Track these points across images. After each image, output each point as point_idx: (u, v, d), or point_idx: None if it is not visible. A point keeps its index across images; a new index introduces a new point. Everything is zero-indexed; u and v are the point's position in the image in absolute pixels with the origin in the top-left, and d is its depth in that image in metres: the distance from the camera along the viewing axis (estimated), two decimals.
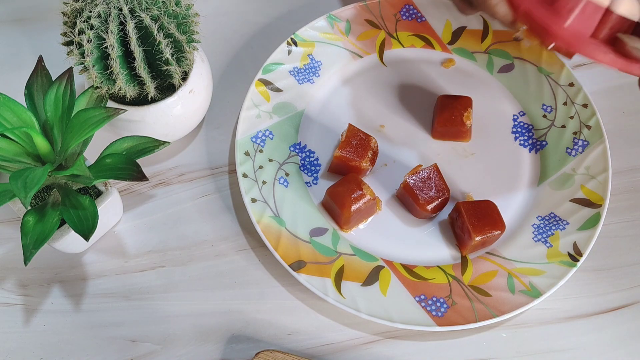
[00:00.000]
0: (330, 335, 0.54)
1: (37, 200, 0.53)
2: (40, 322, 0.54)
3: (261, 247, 0.57)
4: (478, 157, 0.62)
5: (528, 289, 0.53)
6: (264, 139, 0.61)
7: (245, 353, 0.53)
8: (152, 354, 0.53)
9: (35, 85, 0.51)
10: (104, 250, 0.57)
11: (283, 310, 0.55)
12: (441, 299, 0.53)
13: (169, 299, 0.55)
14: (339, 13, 0.67)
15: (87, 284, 0.56)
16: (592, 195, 0.58)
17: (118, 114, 0.47)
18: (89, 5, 0.48)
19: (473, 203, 0.56)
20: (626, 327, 0.54)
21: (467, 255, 0.56)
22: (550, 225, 0.57)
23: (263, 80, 0.63)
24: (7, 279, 0.56)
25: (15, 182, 0.43)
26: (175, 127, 0.57)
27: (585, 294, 0.56)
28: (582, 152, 0.60)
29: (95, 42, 0.48)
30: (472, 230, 0.54)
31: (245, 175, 0.58)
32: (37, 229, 0.47)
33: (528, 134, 0.63)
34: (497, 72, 0.66)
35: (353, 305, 0.52)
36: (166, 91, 0.55)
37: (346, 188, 0.56)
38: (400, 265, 0.56)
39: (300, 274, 0.53)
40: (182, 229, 0.58)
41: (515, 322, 0.54)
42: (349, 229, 0.57)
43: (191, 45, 0.52)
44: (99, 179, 0.47)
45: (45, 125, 0.49)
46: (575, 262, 0.54)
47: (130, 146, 0.50)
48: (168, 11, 0.50)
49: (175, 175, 0.61)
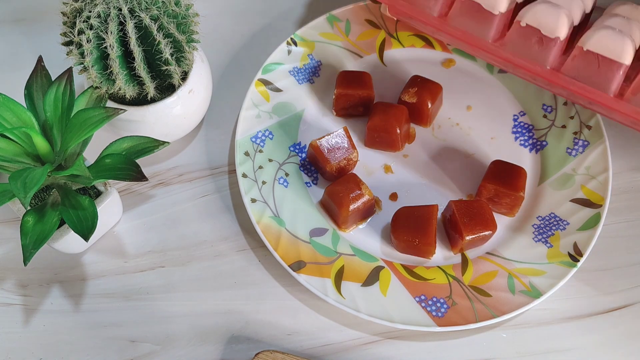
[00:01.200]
0: (330, 336, 0.54)
1: (36, 200, 0.53)
2: (40, 322, 0.54)
3: (261, 247, 0.57)
4: (478, 157, 0.62)
5: (528, 289, 0.53)
6: (263, 139, 0.61)
7: (245, 353, 0.53)
8: (151, 354, 0.53)
9: (35, 85, 0.51)
10: (103, 251, 0.57)
11: (283, 311, 0.55)
12: (441, 299, 0.53)
13: (168, 299, 0.55)
14: (339, 13, 0.67)
15: (86, 284, 0.55)
16: (593, 196, 0.57)
17: (117, 114, 0.47)
18: (89, 5, 0.48)
19: (465, 202, 0.56)
20: (626, 327, 0.54)
21: (460, 254, 0.56)
22: (551, 225, 0.57)
23: (263, 80, 0.63)
24: (7, 279, 0.56)
25: (14, 182, 0.43)
26: (175, 127, 0.57)
27: (585, 294, 0.56)
28: (582, 152, 0.60)
29: (95, 42, 0.48)
30: (464, 229, 0.54)
31: (245, 175, 0.58)
32: (37, 229, 0.47)
33: (528, 134, 0.63)
34: (497, 72, 0.66)
35: (353, 305, 0.52)
36: (166, 91, 0.55)
37: (345, 187, 0.55)
38: (400, 265, 0.55)
39: (300, 274, 0.53)
40: (181, 229, 0.58)
41: (515, 323, 0.54)
42: (347, 229, 0.57)
43: (191, 45, 0.52)
44: (99, 179, 0.47)
45: (45, 126, 0.49)
46: (575, 263, 0.54)
47: (130, 146, 0.50)
48: (168, 11, 0.50)
49: (174, 176, 0.61)
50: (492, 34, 0.57)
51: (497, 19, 0.56)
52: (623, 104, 0.52)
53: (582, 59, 0.53)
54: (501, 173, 0.57)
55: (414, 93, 0.60)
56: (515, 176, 0.57)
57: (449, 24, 0.58)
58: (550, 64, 0.55)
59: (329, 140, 0.58)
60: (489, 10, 0.55)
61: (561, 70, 0.55)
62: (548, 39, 0.54)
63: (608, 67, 0.52)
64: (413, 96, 0.60)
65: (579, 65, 0.53)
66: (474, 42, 0.57)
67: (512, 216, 0.59)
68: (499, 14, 0.56)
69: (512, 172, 0.57)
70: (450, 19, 0.58)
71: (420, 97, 0.60)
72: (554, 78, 0.54)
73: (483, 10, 0.56)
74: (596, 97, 0.53)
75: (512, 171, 0.57)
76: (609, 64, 0.52)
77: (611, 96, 0.53)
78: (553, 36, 0.53)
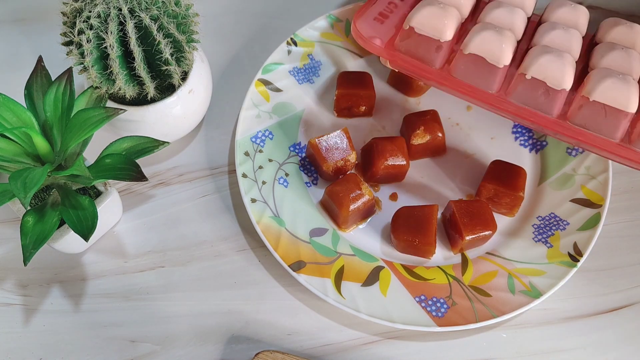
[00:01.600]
0: (330, 336, 0.54)
1: (36, 200, 0.53)
2: (40, 322, 0.54)
3: (261, 247, 0.57)
4: (478, 157, 0.62)
5: (528, 289, 0.53)
6: (263, 139, 0.61)
7: (245, 353, 0.53)
8: (151, 354, 0.53)
9: (35, 85, 0.51)
10: (103, 251, 0.57)
11: (283, 311, 0.55)
12: (441, 300, 0.53)
13: (168, 299, 0.55)
14: (339, 13, 0.67)
15: (86, 284, 0.55)
16: (593, 196, 0.57)
17: (117, 114, 0.47)
18: (89, 5, 0.48)
19: (465, 202, 0.56)
20: (626, 327, 0.54)
21: (460, 254, 0.56)
22: (551, 225, 0.57)
23: (263, 80, 0.63)
24: (7, 279, 0.56)
25: (14, 182, 0.43)
26: (175, 127, 0.57)
27: (585, 294, 0.56)
28: (582, 152, 0.60)
29: (95, 42, 0.48)
30: (464, 229, 0.54)
31: (245, 175, 0.58)
32: (37, 229, 0.47)
33: (528, 134, 0.63)
34: None
35: (353, 305, 0.52)
36: (166, 91, 0.55)
37: (345, 187, 0.55)
38: (400, 265, 0.55)
39: (300, 274, 0.53)
40: (181, 229, 0.58)
41: (515, 323, 0.54)
42: (347, 229, 0.57)
43: (191, 45, 0.52)
44: (99, 179, 0.47)
45: (45, 126, 0.49)
46: (575, 263, 0.54)
47: (130, 146, 0.50)
48: (168, 11, 0.50)
49: (174, 176, 0.61)
50: (496, 86, 0.56)
51: (501, 71, 0.55)
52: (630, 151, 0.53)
53: (589, 109, 0.53)
54: (501, 173, 0.57)
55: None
56: (514, 176, 0.57)
57: (451, 77, 0.56)
58: (555, 113, 0.55)
59: (328, 140, 0.58)
60: (494, 64, 0.54)
61: (567, 118, 0.54)
62: (555, 91, 0.53)
63: (615, 116, 0.52)
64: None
65: (586, 115, 0.53)
66: (478, 96, 0.56)
67: (511, 216, 0.59)
68: (503, 67, 0.55)
69: (511, 172, 0.57)
70: (452, 70, 0.56)
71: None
72: (560, 128, 0.54)
73: (487, 64, 0.54)
74: (604, 146, 0.53)
75: (512, 171, 0.57)
76: (616, 113, 0.52)
77: (617, 142, 0.53)
78: (559, 88, 0.53)
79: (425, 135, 0.59)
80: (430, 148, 0.60)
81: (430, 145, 0.60)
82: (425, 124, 0.59)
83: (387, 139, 0.58)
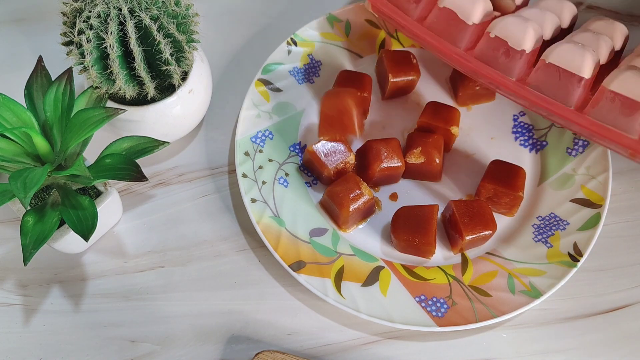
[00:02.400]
0: (330, 336, 0.54)
1: (36, 200, 0.53)
2: (40, 322, 0.54)
3: (261, 247, 0.57)
4: (478, 157, 0.62)
5: (528, 289, 0.53)
6: (263, 139, 0.61)
7: (245, 353, 0.53)
8: (151, 354, 0.53)
9: (35, 85, 0.51)
10: (103, 251, 0.57)
11: (283, 311, 0.55)
12: (441, 300, 0.53)
13: (168, 299, 0.55)
14: (339, 13, 0.67)
15: (86, 284, 0.55)
16: (593, 196, 0.57)
17: (117, 114, 0.47)
18: (89, 5, 0.48)
19: (465, 202, 0.56)
20: (626, 327, 0.54)
21: (460, 254, 0.56)
22: (551, 225, 0.57)
23: (263, 80, 0.63)
24: (7, 279, 0.56)
25: (14, 182, 0.43)
26: (175, 127, 0.57)
27: (585, 294, 0.56)
28: (582, 152, 0.60)
29: (95, 42, 0.48)
30: (464, 229, 0.54)
31: (244, 175, 0.58)
32: (37, 229, 0.47)
33: (528, 134, 0.63)
34: None
35: (353, 305, 0.52)
36: (166, 91, 0.55)
37: (345, 187, 0.55)
38: (400, 265, 0.55)
39: (300, 274, 0.53)
40: (181, 229, 0.58)
41: (515, 323, 0.54)
42: (348, 229, 0.57)
43: (191, 45, 0.52)
44: (99, 179, 0.47)
45: (45, 126, 0.49)
46: (575, 263, 0.54)
47: (130, 146, 0.50)
48: (168, 11, 0.50)
49: (174, 176, 0.61)
50: (465, 43, 0.56)
51: (472, 29, 0.56)
52: (580, 117, 0.53)
53: (544, 71, 0.53)
54: (500, 173, 0.57)
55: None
56: (514, 176, 0.57)
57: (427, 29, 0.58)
58: (515, 75, 0.55)
59: (325, 145, 0.58)
60: (464, 20, 0.55)
61: (526, 81, 0.55)
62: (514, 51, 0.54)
63: (568, 79, 0.52)
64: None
65: (541, 78, 0.53)
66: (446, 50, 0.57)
67: (511, 216, 0.59)
68: (472, 25, 0.56)
69: (511, 171, 0.57)
70: (426, 25, 0.58)
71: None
72: (517, 89, 0.54)
73: (458, 20, 0.56)
74: (556, 109, 0.53)
75: (511, 171, 0.57)
76: (569, 76, 0.52)
77: (570, 109, 0.53)
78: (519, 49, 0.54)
79: (421, 156, 0.58)
80: (422, 172, 0.59)
81: (423, 169, 0.59)
82: (425, 146, 0.58)
83: (381, 141, 0.58)
